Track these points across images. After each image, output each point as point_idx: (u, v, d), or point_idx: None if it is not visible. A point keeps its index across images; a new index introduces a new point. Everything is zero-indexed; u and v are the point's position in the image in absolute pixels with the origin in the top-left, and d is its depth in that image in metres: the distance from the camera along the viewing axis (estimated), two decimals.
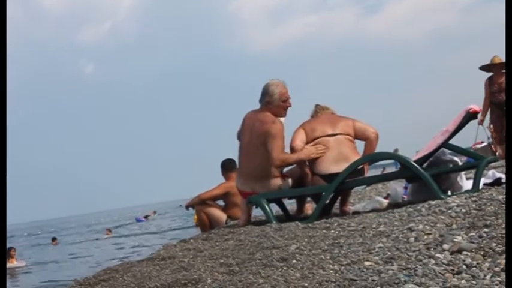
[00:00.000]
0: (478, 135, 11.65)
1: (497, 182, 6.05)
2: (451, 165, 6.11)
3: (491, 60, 11.43)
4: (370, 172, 6.74)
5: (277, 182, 6.45)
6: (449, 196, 5.52)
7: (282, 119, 6.58)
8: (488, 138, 11.65)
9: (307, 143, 6.47)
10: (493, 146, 11.58)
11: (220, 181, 8.98)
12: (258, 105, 6.62)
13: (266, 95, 6.49)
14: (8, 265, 17.05)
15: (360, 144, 6.60)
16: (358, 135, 6.56)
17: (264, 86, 6.56)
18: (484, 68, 11.62)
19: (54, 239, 32.97)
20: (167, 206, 73.65)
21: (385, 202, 6.67)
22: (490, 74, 11.52)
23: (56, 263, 18.58)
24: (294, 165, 6.62)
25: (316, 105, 6.97)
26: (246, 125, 6.63)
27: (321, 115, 6.79)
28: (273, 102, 6.46)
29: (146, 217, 48.84)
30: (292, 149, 6.51)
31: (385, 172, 7.62)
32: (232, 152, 7.73)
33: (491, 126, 11.48)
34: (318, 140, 6.41)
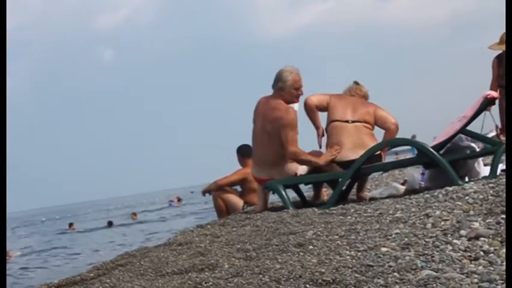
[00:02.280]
0: (484, 123, 10.49)
1: None
2: (468, 152, 6.09)
3: (500, 38, 9.63)
4: (386, 159, 6.72)
5: (293, 167, 6.45)
6: (467, 182, 5.51)
7: (295, 106, 6.58)
8: (497, 127, 10.62)
9: (326, 128, 6.51)
10: (501, 136, 10.53)
11: (232, 167, 8.98)
12: (271, 91, 6.61)
13: (279, 81, 6.47)
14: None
15: (379, 132, 6.60)
16: (378, 124, 6.55)
17: (278, 71, 6.55)
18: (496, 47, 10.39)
19: (71, 225, 32.95)
20: (178, 193, 73.78)
21: (402, 188, 6.65)
22: (498, 52, 9.91)
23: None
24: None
25: (355, 83, 6.94)
26: (258, 111, 6.61)
27: (349, 95, 6.77)
28: (285, 89, 6.44)
29: (179, 200, 47.88)
30: (305, 101, 6.62)
31: (399, 158, 7.57)
32: (246, 138, 7.76)
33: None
34: (335, 124, 6.42)
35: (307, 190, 7.49)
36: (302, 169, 6.49)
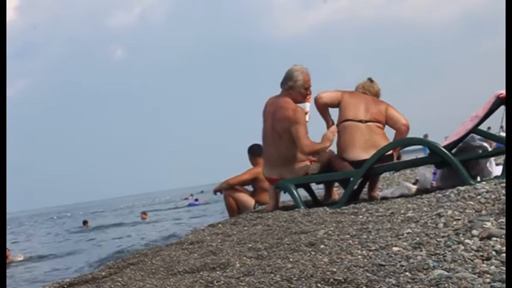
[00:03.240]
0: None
1: None
2: (480, 151, 6.07)
3: None
4: (403, 158, 6.71)
5: (304, 166, 6.45)
6: (479, 182, 5.49)
7: (307, 105, 6.58)
8: (502, 127, 10.59)
9: (337, 126, 6.51)
10: None
11: (240, 167, 8.99)
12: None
13: (290, 80, 6.48)
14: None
15: (390, 131, 6.59)
16: (389, 124, 6.55)
17: (287, 70, 6.56)
18: None
19: (85, 222, 32.77)
20: (188, 192, 73.84)
21: (414, 188, 6.65)
22: None
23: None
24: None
25: (369, 79, 6.92)
26: (267, 111, 6.62)
27: (361, 93, 6.75)
28: (295, 88, 6.46)
29: (196, 200, 46.76)
30: (316, 99, 6.62)
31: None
32: (257, 138, 7.76)
33: None
34: (347, 123, 6.42)
35: (317, 189, 7.47)
36: (313, 168, 6.49)
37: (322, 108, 6.65)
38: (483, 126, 6.17)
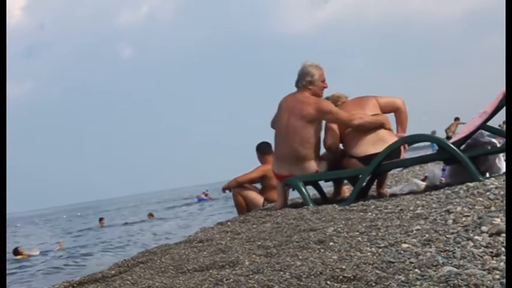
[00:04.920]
0: None
1: None
2: (489, 147, 6.05)
3: None
4: (406, 155, 6.70)
5: (314, 164, 6.45)
6: (488, 178, 5.48)
7: None
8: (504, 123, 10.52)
9: (341, 133, 6.49)
10: None
11: (248, 165, 9.00)
12: (292, 88, 6.63)
13: (307, 75, 6.50)
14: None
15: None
16: (386, 109, 6.54)
17: (301, 68, 6.58)
18: None
19: (101, 219, 32.71)
20: (194, 190, 73.91)
21: (423, 184, 6.63)
22: None
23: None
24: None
25: (327, 98, 6.80)
26: (283, 108, 6.61)
27: (343, 104, 6.71)
28: (314, 83, 6.49)
29: (206, 195, 45.94)
30: (329, 149, 6.57)
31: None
32: (264, 136, 7.76)
33: None
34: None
35: (326, 186, 7.46)
36: (322, 166, 6.50)
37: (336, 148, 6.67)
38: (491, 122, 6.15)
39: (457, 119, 27.08)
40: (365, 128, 6.35)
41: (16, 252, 17.66)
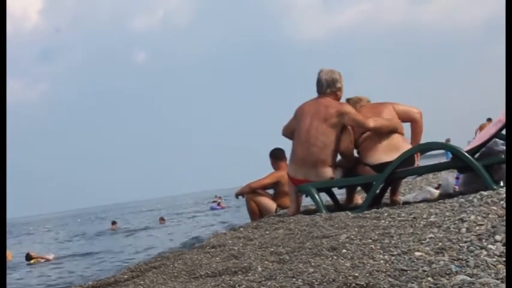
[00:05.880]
0: None
1: None
2: (503, 156, 6.03)
3: None
4: (420, 163, 6.68)
5: (330, 171, 6.44)
6: (502, 187, 5.46)
7: None
8: None
9: (355, 139, 6.50)
10: None
11: (262, 171, 9.01)
12: (305, 94, 6.71)
13: (337, 82, 6.63)
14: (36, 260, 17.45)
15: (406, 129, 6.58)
16: (402, 118, 6.54)
17: (328, 74, 6.66)
18: None
19: (114, 223, 32.49)
20: (202, 196, 74.04)
21: (436, 192, 6.62)
22: None
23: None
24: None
25: (348, 100, 6.88)
26: (306, 112, 6.60)
27: (359, 108, 6.72)
28: (341, 89, 6.66)
29: (219, 204, 45.62)
30: (343, 152, 6.57)
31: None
32: (277, 141, 7.75)
33: None
34: (367, 133, 6.41)
35: (338, 194, 7.46)
36: (338, 173, 6.50)
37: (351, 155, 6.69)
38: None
39: (489, 119, 26.95)
40: (380, 131, 6.36)
41: (28, 257, 17.68)
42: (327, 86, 6.60)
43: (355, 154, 6.64)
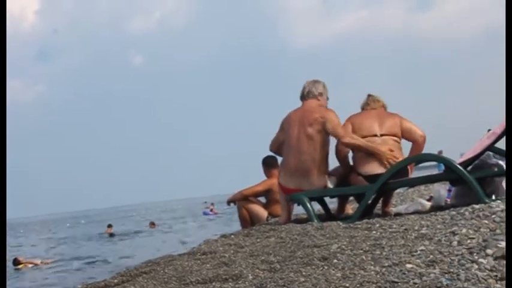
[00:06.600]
0: None
1: None
2: (496, 169, 6.03)
3: None
4: (412, 174, 6.68)
5: (323, 179, 6.44)
6: (494, 200, 5.46)
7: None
8: None
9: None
10: None
11: (256, 178, 9.00)
12: (297, 103, 6.73)
13: (319, 86, 6.73)
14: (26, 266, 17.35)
15: (405, 144, 6.57)
16: (405, 136, 6.52)
17: (310, 82, 6.71)
18: None
19: (109, 226, 32.49)
20: (191, 202, 74.09)
21: (428, 204, 6.62)
22: None
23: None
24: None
25: (369, 96, 6.91)
26: (292, 120, 6.60)
27: (370, 109, 6.73)
28: (324, 94, 6.75)
29: (211, 210, 45.25)
30: (339, 152, 6.57)
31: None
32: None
33: None
34: (366, 139, 6.39)
35: (330, 202, 7.46)
36: (332, 181, 6.50)
37: (346, 159, 6.68)
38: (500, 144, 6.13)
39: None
40: (355, 149, 6.41)
41: (16, 262, 17.52)
42: (308, 92, 6.68)
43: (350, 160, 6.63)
